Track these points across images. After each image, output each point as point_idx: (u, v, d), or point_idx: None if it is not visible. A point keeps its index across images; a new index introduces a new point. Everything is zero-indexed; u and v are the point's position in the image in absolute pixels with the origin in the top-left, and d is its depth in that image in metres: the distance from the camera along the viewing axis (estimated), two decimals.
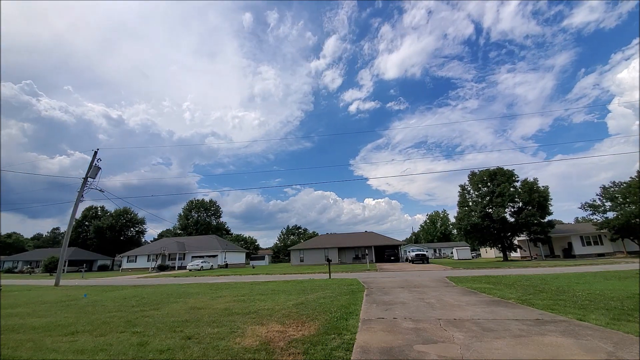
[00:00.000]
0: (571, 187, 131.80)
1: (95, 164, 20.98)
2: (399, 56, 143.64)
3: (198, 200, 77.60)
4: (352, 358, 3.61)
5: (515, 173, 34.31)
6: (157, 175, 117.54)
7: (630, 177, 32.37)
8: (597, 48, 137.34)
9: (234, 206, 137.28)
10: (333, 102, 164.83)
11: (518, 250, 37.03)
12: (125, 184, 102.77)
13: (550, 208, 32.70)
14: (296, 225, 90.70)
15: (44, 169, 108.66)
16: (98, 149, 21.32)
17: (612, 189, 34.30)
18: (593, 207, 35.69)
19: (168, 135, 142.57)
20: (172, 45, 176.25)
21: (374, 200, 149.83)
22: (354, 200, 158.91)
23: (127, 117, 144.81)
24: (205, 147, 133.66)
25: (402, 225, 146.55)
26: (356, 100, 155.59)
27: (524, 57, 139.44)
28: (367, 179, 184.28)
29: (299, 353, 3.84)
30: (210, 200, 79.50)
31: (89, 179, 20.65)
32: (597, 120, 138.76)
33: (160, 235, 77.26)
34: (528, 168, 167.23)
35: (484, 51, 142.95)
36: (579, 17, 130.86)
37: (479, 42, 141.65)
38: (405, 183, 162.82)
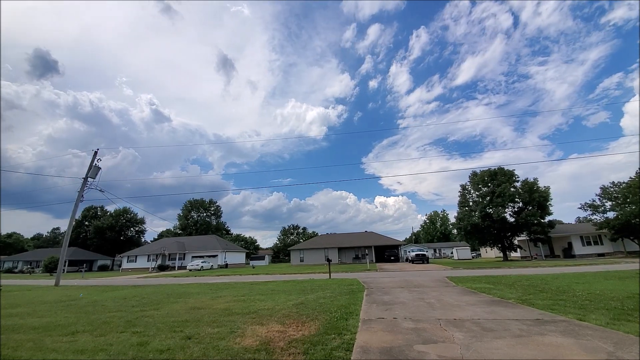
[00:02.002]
0: (583, 188, 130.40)
1: (95, 164, 20.98)
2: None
3: (197, 200, 77.53)
4: (352, 358, 3.61)
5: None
6: (182, 174, 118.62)
7: (630, 177, 32.41)
8: (630, 46, 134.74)
9: (255, 205, 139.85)
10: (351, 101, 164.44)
11: (518, 250, 37.03)
12: (162, 184, 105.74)
13: (551, 208, 32.72)
14: (294, 225, 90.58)
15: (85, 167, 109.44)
16: (98, 149, 21.35)
17: (612, 189, 34.32)
18: (593, 207, 35.70)
19: (200, 132, 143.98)
20: (202, 40, 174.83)
21: (385, 198, 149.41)
22: (370, 200, 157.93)
23: (155, 113, 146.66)
24: (238, 146, 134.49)
25: (415, 223, 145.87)
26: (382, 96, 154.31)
27: (557, 52, 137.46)
28: (379, 178, 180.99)
29: (299, 353, 3.84)
30: (210, 200, 79.55)
31: (89, 179, 20.65)
32: (612, 122, 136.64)
33: (160, 235, 77.17)
34: (543, 167, 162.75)
35: (518, 46, 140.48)
36: (618, 13, 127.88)
37: (515, 35, 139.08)
38: (417, 182, 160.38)
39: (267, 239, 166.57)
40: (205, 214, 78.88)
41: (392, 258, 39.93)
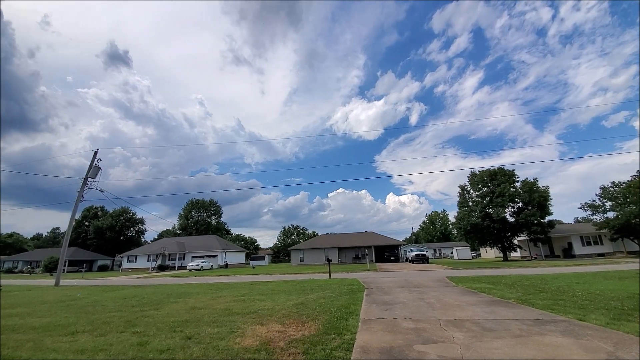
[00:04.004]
0: (594, 189, 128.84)
1: (96, 164, 20.97)
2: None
3: (198, 201, 77.61)
4: (352, 358, 3.61)
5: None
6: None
7: (632, 176, 32.39)
8: None
9: (278, 204, 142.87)
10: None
11: (518, 250, 37.03)
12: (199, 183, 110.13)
13: (550, 208, 32.71)
14: (295, 225, 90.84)
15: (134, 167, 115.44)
16: (98, 149, 21.34)
17: (612, 189, 34.30)
18: (593, 207, 35.67)
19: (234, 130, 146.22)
20: (229, 36, 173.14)
21: (398, 197, 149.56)
22: (383, 199, 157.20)
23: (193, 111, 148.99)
24: (253, 145, 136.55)
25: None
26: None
27: (591, 46, 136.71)
28: (391, 176, 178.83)
29: (299, 353, 3.84)
30: (211, 201, 79.56)
31: (89, 179, 20.64)
32: (629, 123, 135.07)
33: (160, 236, 77.24)
34: (555, 166, 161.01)
35: (553, 42, 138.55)
36: None
37: (551, 31, 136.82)
38: (429, 181, 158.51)
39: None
40: (205, 214, 78.92)
41: (392, 258, 39.94)
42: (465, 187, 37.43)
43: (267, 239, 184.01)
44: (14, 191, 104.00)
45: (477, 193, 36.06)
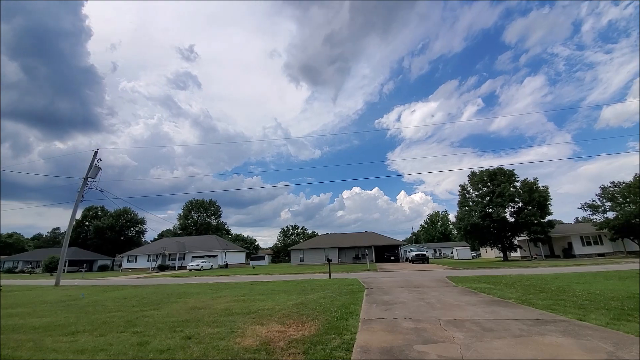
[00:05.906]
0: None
1: (96, 164, 20.97)
2: None
3: (197, 201, 77.64)
4: (352, 358, 3.61)
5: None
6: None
7: (635, 175, 32.35)
8: None
9: (300, 204, 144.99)
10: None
11: (518, 250, 36.97)
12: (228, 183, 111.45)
13: (550, 208, 32.69)
14: (294, 225, 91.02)
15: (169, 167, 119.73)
16: (98, 149, 21.34)
17: (612, 189, 34.29)
18: (593, 208, 35.64)
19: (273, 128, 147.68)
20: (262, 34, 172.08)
21: (411, 196, 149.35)
22: (396, 199, 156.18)
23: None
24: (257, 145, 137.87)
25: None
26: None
27: (624, 40, 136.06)
28: (402, 175, 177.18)
29: (299, 353, 3.84)
30: (210, 200, 79.61)
31: (89, 179, 20.64)
32: None
33: (161, 235, 77.16)
34: (568, 165, 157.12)
35: (587, 37, 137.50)
36: None
37: (586, 26, 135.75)
38: (441, 179, 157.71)
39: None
40: (205, 214, 78.94)
41: (392, 258, 39.93)
42: (466, 186, 37.43)
43: (274, 239, 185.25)
44: (54, 192, 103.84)
45: (477, 193, 36.02)
